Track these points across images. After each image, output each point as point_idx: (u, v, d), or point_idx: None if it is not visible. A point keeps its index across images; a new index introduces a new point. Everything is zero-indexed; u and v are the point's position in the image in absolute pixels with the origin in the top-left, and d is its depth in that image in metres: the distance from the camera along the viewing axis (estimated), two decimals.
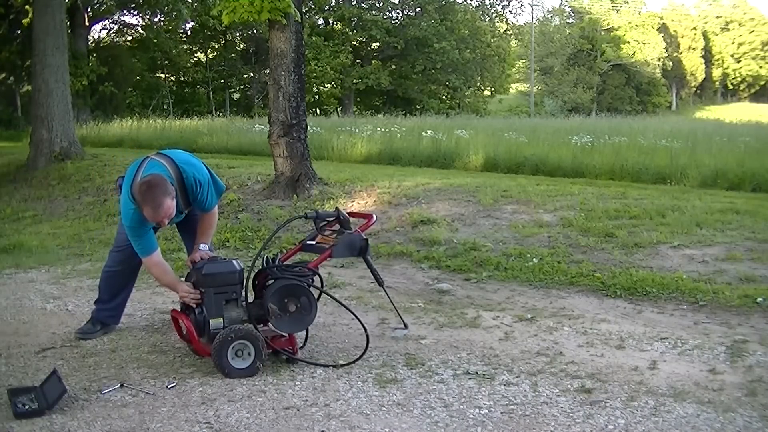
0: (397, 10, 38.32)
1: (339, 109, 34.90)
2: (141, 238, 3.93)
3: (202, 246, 4.05)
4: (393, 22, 37.35)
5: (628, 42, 55.44)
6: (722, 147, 12.89)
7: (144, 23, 29.50)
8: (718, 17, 65.63)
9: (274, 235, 4.64)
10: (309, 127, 9.10)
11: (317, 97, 35.29)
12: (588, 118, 28.14)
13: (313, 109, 32.50)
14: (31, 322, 4.71)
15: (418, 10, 36.61)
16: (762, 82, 66.61)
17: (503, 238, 6.64)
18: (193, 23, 30.18)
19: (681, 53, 59.97)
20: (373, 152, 14.28)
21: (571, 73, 51.66)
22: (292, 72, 8.38)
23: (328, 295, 4.09)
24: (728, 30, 65.74)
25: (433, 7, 35.52)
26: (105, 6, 24.84)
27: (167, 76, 34.25)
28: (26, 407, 3.18)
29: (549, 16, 59.47)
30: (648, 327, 4.49)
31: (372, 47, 38.17)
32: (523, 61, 54.96)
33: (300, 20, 8.46)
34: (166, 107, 30.64)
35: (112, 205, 9.15)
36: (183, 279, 4.18)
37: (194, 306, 3.83)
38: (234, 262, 3.87)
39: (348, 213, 4.17)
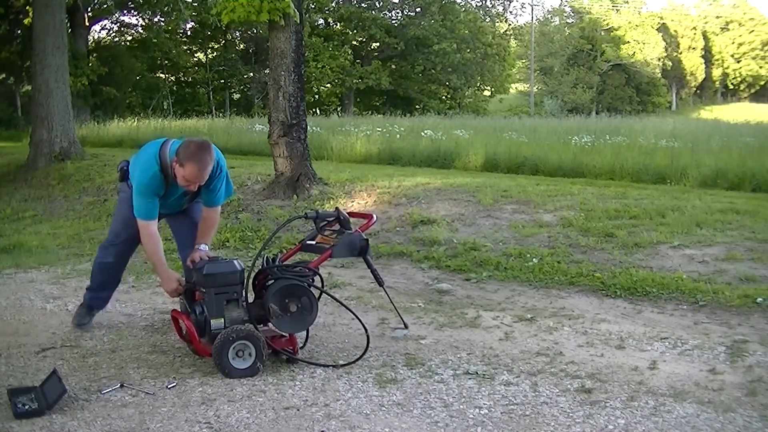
0: (397, 10, 38.33)
1: (339, 109, 34.91)
2: (148, 202, 3.94)
3: (202, 246, 4.06)
4: (393, 22, 37.34)
5: (628, 42, 55.40)
6: (722, 147, 12.88)
7: (144, 23, 29.52)
8: (718, 17, 65.60)
9: (274, 235, 4.64)
10: (309, 127, 9.10)
11: (317, 97, 35.27)
12: (588, 118, 28.09)
13: (313, 109, 32.47)
14: (31, 322, 4.71)
15: (418, 10, 36.60)
16: (762, 82, 66.55)
17: (503, 238, 6.64)
18: (192, 23, 30.18)
19: (681, 53, 59.92)
20: (372, 152, 14.27)
21: (571, 73, 51.63)
22: (292, 72, 8.38)
23: (329, 295, 4.09)
24: (728, 30, 65.69)
25: (436, 7, 35.49)
26: (105, 6, 24.83)
27: (167, 76, 34.24)
28: (26, 407, 3.18)
29: (549, 16, 59.52)
30: (648, 327, 4.49)
31: (372, 47, 38.16)
32: (523, 61, 54.94)
33: (299, 20, 8.46)
34: (166, 107, 30.62)
35: (112, 205, 9.13)
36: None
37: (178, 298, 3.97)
38: (235, 262, 3.87)
39: (348, 213, 4.17)
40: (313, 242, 4.11)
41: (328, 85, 34.98)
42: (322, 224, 4.15)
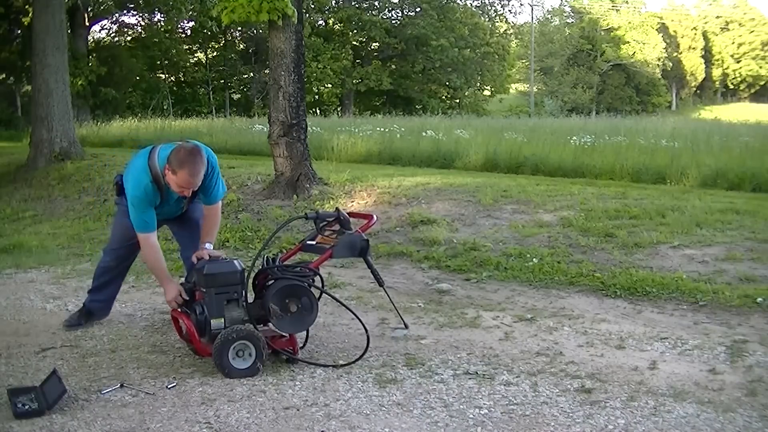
0: (397, 10, 38.32)
1: (339, 109, 34.89)
2: (144, 214, 3.93)
3: (207, 245, 4.09)
4: (393, 22, 37.34)
5: (628, 42, 55.41)
6: (722, 147, 12.87)
7: (144, 23, 29.50)
8: (718, 17, 65.60)
9: (274, 235, 4.64)
10: (309, 127, 9.10)
11: (317, 97, 35.27)
12: (588, 118, 28.08)
13: (313, 109, 32.47)
14: (31, 322, 4.71)
15: (417, 9, 36.60)
16: (762, 82, 66.53)
17: (503, 238, 6.64)
18: (192, 23, 30.18)
19: (681, 53, 59.93)
20: (373, 152, 14.25)
21: (571, 73, 51.64)
22: (292, 72, 8.38)
23: (329, 295, 4.09)
24: (728, 30, 65.69)
25: (433, 6, 35.47)
26: (105, 6, 24.81)
27: (167, 76, 34.24)
28: (26, 407, 3.18)
29: (549, 16, 59.54)
30: (648, 327, 4.49)
31: (372, 47, 38.16)
32: (523, 61, 54.95)
33: (299, 20, 8.45)
34: (166, 107, 30.61)
35: (111, 205, 9.12)
36: (183, 279, 4.18)
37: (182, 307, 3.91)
38: (235, 262, 3.87)
39: (348, 213, 4.17)
40: (314, 242, 4.11)
41: (329, 85, 34.98)
42: (323, 224, 4.16)
